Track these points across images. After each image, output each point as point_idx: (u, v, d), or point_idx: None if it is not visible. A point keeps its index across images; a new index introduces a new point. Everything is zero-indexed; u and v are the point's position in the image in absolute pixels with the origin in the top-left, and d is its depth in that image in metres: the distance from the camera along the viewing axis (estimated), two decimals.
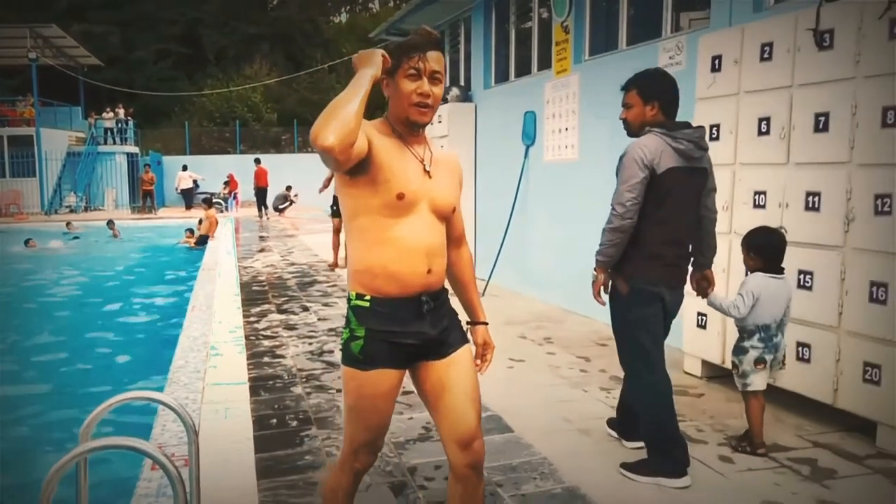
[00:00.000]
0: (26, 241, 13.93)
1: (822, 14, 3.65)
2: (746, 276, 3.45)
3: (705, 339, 4.49)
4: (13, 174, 23.18)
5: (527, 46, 8.23)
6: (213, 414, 3.85)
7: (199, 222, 14.48)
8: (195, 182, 24.56)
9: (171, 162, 26.85)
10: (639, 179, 2.99)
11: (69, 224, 17.03)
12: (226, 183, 24.25)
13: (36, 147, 23.07)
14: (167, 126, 32.37)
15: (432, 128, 8.88)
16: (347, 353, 2.06)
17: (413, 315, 2.05)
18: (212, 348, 5.24)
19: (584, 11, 6.80)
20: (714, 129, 4.37)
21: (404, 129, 2.08)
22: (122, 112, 26.69)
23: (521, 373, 4.84)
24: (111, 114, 26.32)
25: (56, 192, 23.71)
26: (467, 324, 2.32)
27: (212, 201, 15.16)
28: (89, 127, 25.76)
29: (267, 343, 5.69)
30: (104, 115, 26.18)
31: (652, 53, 5.62)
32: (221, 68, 36.18)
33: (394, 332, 2.03)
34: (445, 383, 2.09)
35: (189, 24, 36.58)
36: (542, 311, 6.97)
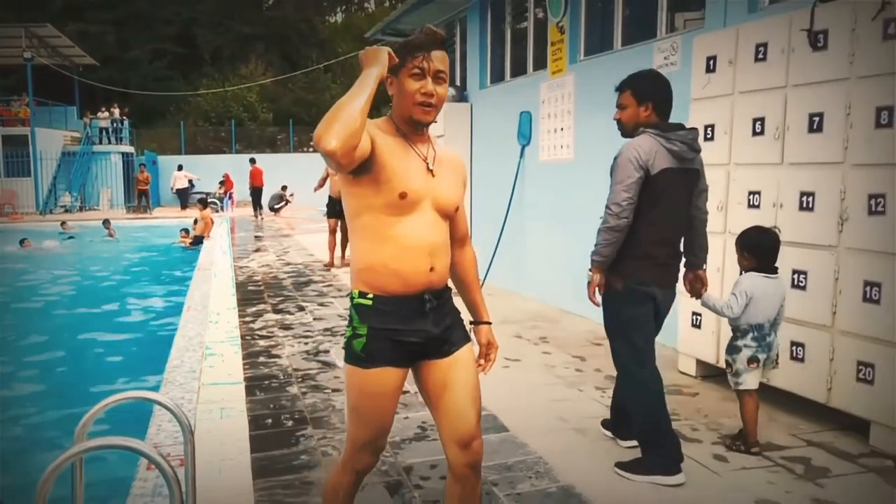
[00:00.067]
0: (21, 241, 13.90)
1: (817, 15, 3.67)
2: (740, 276, 3.46)
3: (700, 339, 4.51)
4: (8, 174, 23.10)
5: (522, 46, 8.24)
6: (208, 414, 3.85)
7: (195, 222, 14.45)
8: (190, 182, 24.55)
9: (167, 162, 26.78)
10: (634, 179, 3.01)
11: (64, 224, 16.99)
12: (221, 183, 24.21)
13: (31, 147, 23.01)
14: (162, 126, 32.28)
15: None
16: (350, 351, 2.07)
17: (416, 313, 2.05)
18: (207, 348, 5.24)
19: (579, 12, 6.81)
20: (709, 129, 4.38)
21: (408, 128, 2.08)
22: (117, 112, 26.63)
23: (517, 372, 4.85)
24: (106, 113, 26.29)
25: (51, 191, 23.68)
26: (471, 323, 2.33)
27: (207, 201, 15.14)
28: (84, 126, 25.68)
29: (262, 343, 5.69)
30: (99, 114, 26.14)
31: (647, 54, 5.64)
32: (217, 68, 36.17)
33: (396, 330, 2.03)
34: (447, 382, 2.10)
35: (184, 23, 36.54)
36: (538, 310, 6.98)
